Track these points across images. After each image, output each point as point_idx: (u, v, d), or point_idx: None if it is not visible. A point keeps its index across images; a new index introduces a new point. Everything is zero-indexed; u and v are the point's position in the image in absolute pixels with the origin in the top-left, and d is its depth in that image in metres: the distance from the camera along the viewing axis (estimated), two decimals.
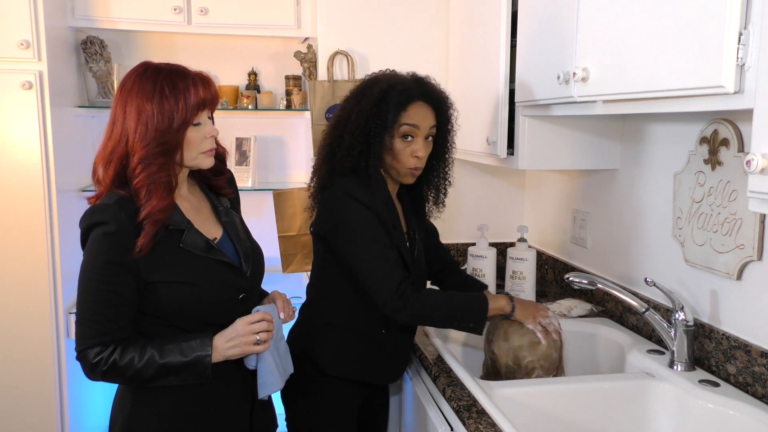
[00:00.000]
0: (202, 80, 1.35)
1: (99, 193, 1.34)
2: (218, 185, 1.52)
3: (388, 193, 1.64)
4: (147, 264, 1.30)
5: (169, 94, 1.29)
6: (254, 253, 1.49)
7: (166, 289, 1.32)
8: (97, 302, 1.28)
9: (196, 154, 1.36)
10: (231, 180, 1.56)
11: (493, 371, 1.66)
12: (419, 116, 1.59)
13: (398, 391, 1.89)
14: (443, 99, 1.64)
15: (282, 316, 1.45)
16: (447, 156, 1.70)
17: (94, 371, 1.29)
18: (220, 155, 1.48)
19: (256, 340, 1.35)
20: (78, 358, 1.31)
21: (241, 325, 1.35)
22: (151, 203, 1.28)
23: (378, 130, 1.56)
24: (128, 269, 1.28)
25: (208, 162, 1.39)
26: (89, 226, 1.29)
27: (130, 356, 1.28)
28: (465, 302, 1.58)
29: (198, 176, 1.50)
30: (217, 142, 1.42)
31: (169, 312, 1.34)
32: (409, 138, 1.58)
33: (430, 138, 1.63)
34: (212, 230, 1.44)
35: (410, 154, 1.59)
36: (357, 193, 1.54)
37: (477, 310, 1.55)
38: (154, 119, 1.28)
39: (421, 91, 1.60)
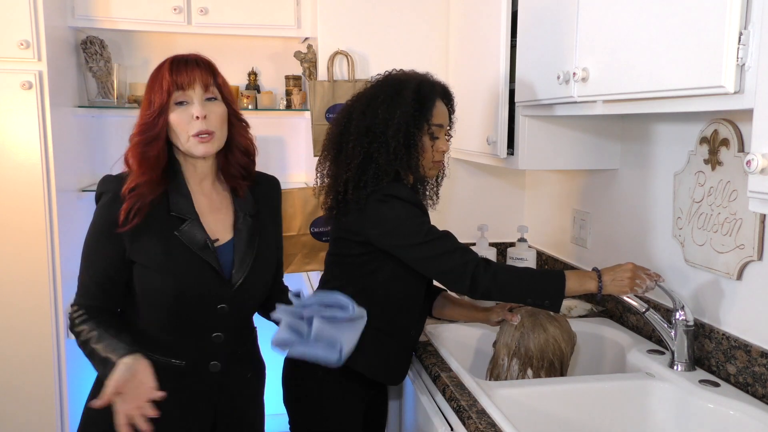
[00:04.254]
0: (177, 63, 1.39)
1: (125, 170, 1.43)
2: (236, 186, 1.48)
3: None
4: (137, 243, 1.34)
5: (152, 81, 1.38)
6: (257, 267, 1.45)
7: (145, 272, 1.36)
8: (86, 267, 1.39)
9: (186, 138, 1.37)
10: (256, 189, 1.52)
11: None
12: (443, 115, 1.64)
13: (399, 391, 1.89)
14: (451, 95, 1.70)
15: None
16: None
17: (71, 328, 1.39)
18: (249, 154, 1.48)
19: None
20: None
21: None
22: (134, 176, 1.35)
23: (417, 130, 1.58)
24: (115, 241, 1.35)
25: (199, 149, 1.38)
26: (96, 196, 1.40)
27: (83, 327, 1.35)
28: (540, 282, 1.53)
29: (227, 176, 1.48)
30: (247, 139, 1.46)
31: (151, 298, 1.37)
32: (435, 136, 1.63)
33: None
34: (221, 233, 1.43)
35: (435, 149, 1.63)
36: (401, 192, 1.56)
37: (553, 291, 1.51)
38: (145, 105, 1.39)
39: (440, 89, 1.65)
